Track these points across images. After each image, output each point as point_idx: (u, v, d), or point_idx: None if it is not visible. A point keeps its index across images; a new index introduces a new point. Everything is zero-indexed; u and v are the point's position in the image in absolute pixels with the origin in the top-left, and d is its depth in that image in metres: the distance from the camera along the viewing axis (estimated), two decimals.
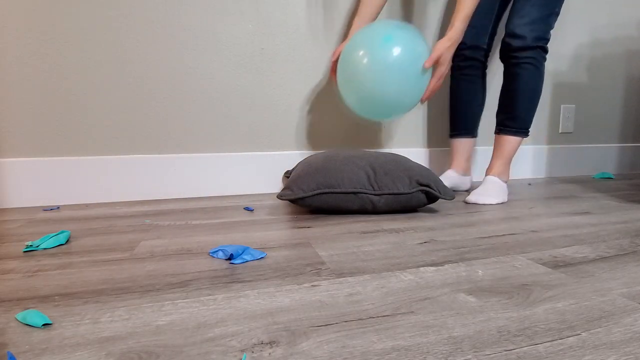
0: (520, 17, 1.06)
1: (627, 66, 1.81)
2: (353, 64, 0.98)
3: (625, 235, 0.81)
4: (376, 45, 0.95)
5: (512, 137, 1.17)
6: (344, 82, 1.02)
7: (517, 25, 1.07)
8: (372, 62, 0.95)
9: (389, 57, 0.94)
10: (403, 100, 0.99)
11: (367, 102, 1.00)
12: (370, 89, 0.97)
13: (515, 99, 1.15)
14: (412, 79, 0.97)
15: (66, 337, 0.42)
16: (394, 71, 0.94)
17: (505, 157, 1.18)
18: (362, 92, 0.99)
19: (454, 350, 0.39)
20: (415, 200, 0.98)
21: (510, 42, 1.10)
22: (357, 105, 1.03)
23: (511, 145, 1.18)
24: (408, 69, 0.95)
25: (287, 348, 0.40)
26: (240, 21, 1.23)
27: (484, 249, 0.71)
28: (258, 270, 0.61)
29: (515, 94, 1.14)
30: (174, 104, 1.20)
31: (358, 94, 1.00)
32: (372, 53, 0.95)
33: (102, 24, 1.11)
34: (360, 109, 1.04)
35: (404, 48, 0.95)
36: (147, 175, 1.19)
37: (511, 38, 1.09)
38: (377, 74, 0.95)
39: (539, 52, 1.10)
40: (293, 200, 0.94)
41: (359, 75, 0.97)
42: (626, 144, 1.88)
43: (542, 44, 1.09)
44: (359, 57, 0.97)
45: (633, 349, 0.39)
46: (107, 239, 0.78)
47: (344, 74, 1.01)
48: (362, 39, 0.98)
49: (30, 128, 1.10)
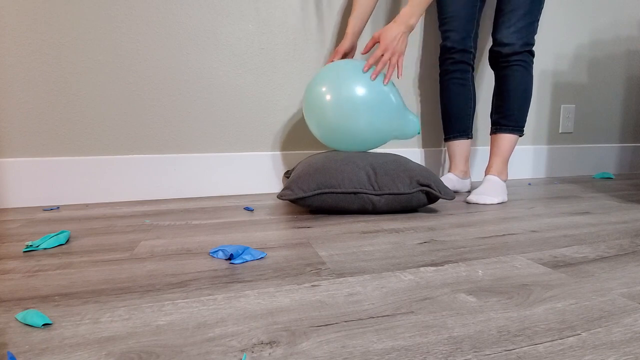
0: (507, 28, 1.14)
1: (627, 66, 1.81)
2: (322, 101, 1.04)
3: (625, 235, 0.81)
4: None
5: (508, 135, 1.20)
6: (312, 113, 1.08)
7: (505, 36, 1.15)
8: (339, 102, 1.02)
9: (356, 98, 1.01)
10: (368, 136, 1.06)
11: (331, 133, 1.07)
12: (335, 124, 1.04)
13: (508, 99, 1.19)
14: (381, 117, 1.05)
15: (66, 337, 0.42)
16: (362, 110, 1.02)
17: (503, 155, 1.20)
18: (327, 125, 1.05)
19: (454, 350, 0.39)
20: (416, 201, 0.98)
21: (500, 50, 1.17)
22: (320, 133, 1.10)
23: (508, 143, 1.20)
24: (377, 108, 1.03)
25: (287, 348, 0.40)
26: (240, 21, 1.23)
27: (484, 249, 0.71)
28: (258, 270, 0.61)
29: (508, 94, 1.19)
30: (173, 103, 1.20)
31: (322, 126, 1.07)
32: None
33: (102, 24, 1.11)
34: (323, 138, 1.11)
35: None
36: (147, 175, 1.19)
37: (501, 47, 1.16)
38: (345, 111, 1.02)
39: (527, 56, 1.16)
40: (293, 200, 0.94)
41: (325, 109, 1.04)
42: (626, 144, 1.88)
43: (529, 49, 1.16)
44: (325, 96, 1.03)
45: (633, 349, 0.39)
46: (107, 239, 0.78)
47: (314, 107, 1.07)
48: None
49: (30, 128, 1.10)
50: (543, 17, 1.61)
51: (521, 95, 1.18)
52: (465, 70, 1.26)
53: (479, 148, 1.58)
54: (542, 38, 1.62)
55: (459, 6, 1.21)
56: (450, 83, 1.27)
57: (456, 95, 1.27)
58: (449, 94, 1.28)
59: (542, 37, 1.62)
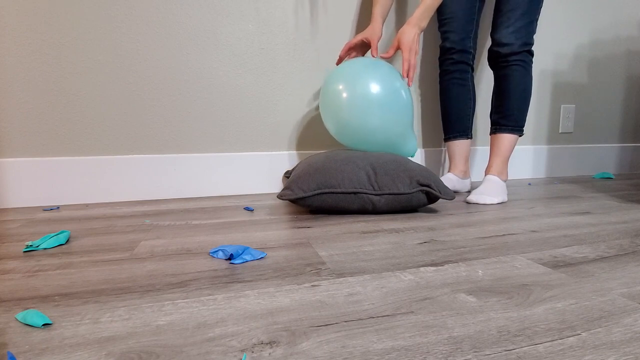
0: (506, 28, 1.14)
1: (627, 66, 1.81)
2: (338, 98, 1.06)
3: (625, 235, 0.81)
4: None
5: (508, 135, 1.20)
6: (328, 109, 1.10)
7: (504, 35, 1.15)
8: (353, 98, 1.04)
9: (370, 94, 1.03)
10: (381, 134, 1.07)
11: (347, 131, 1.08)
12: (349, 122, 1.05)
13: (508, 99, 1.19)
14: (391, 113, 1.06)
15: (66, 337, 0.42)
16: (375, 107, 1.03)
17: (503, 155, 1.20)
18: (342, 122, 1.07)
19: (454, 350, 0.39)
20: (416, 200, 0.98)
21: (499, 50, 1.17)
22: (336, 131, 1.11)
23: (508, 143, 1.20)
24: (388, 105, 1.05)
25: (287, 348, 0.40)
26: (240, 21, 1.23)
27: (484, 249, 0.71)
28: (258, 270, 0.61)
29: (508, 94, 1.19)
30: (173, 103, 1.20)
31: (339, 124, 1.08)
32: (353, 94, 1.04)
33: (102, 24, 1.11)
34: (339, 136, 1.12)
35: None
36: (147, 175, 1.19)
37: (500, 47, 1.16)
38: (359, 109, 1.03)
39: (526, 55, 1.16)
40: (293, 200, 0.94)
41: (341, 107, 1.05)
42: (626, 144, 1.88)
43: (528, 48, 1.16)
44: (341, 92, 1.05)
45: (633, 349, 0.39)
46: (107, 239, 0.78)
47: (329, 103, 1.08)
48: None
49: (30, 128, 1.10)
50: (543, 17, 1.61)
51: (520, 95, 1.18)
52: (465, 70, 1.27)
53: (479, 148, 1.58)
54: (542, 38, 1.62)
55: (458, 7, 1.21)
56: (450, 83, 1.28)
57: (456, 96, 1.28)
58: (449, 94, 1.28)
59: (542, 37, 1.62)
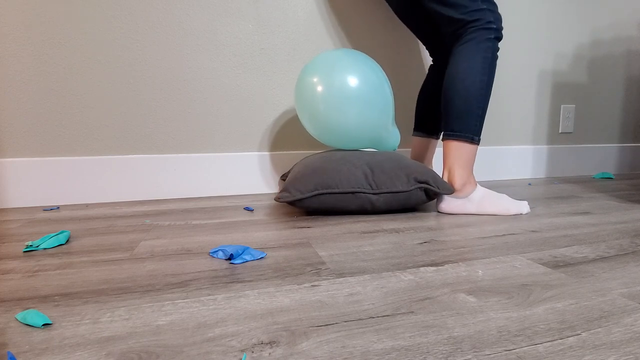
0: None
1: (627, 66, 1.81)
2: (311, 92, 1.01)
3: (625, 235, 0.81)
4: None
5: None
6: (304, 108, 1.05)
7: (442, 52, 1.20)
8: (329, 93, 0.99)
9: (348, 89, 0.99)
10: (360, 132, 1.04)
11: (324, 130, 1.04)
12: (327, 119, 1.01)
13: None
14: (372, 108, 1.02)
15: (66, 337, 0.42)
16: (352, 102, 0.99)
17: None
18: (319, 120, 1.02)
19: (454, 350, 0.39)
20: (415, 198, 0.98)
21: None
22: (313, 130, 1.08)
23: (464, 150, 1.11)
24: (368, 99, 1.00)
25: (287, 348, 0.40)
26: (240, 21, 1.23)
27: (484, 249, 0.71)
28: (258, 270, 0.61)
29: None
30: (174, 104, 1.20)
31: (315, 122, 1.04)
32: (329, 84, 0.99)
33: (102, 24, 1.11)
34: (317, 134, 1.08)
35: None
36: (147, 175, 1.19)
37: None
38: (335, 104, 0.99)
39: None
40: (291, 202, 0.93)
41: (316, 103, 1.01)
42: (626, 144, 1.88)
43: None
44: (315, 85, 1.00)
45: (633, 349, 0.39)
46: (107, 239, 0.78)
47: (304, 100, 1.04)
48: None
49: (30, 128, 1.10)
50: (543, 17, 1.60)
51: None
52: None
53: (480, 148, 1.58)
54: (542, 38, 1.62)
55: (415, 28, 1.22)
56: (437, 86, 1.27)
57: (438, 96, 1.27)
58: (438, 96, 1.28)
59: (542, 37, 1.62)
